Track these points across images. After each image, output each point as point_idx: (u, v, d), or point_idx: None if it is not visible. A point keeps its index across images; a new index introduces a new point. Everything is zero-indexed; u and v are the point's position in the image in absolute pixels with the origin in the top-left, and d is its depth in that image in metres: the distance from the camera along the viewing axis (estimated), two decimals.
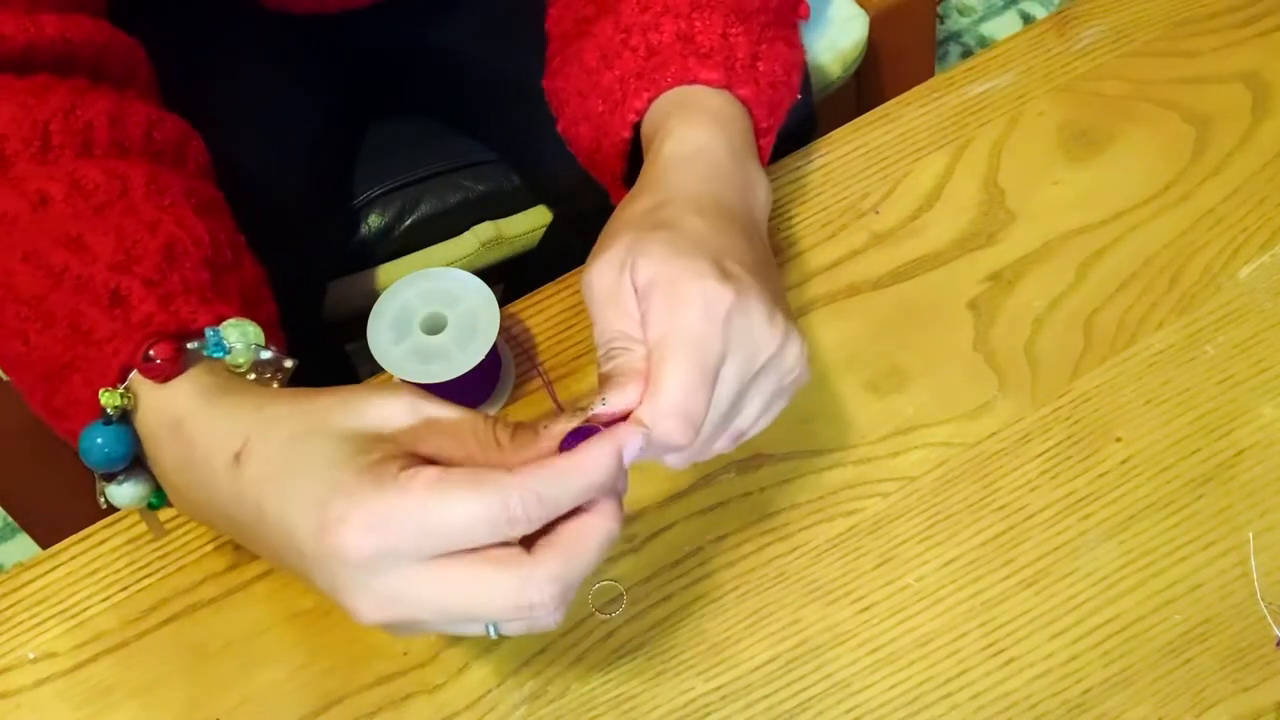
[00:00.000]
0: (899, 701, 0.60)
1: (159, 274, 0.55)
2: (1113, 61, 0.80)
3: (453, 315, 0.65)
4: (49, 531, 0.97)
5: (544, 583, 0.46)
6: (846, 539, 0.65)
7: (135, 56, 0.65)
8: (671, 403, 0.51)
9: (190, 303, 0.55)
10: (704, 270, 0.53)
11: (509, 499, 0.46)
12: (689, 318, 0.52)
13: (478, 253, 0.94)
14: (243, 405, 0.51)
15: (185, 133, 0.64)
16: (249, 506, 0.50)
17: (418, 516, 0.46)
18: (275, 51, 0.87)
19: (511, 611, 0.47)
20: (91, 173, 0.57)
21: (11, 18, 0.58)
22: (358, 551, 0.46)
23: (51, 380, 0.56)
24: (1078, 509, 0.65)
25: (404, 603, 0.47)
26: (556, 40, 0.74)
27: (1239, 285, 0.71)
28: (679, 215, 0.56)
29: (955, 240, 0.74)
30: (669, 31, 0.65)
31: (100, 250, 0.55)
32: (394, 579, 0.46)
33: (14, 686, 0.62)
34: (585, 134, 0.69)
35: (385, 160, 0.95)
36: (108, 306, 0.54)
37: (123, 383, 0.53)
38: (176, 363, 0.53)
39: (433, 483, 0.46)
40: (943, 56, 1.73)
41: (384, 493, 0.46)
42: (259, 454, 0.49)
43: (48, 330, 0.55)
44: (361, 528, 0.45)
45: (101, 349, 0.53)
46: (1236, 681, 0.60)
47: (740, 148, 0.63)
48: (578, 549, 0.48)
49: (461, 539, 0.46)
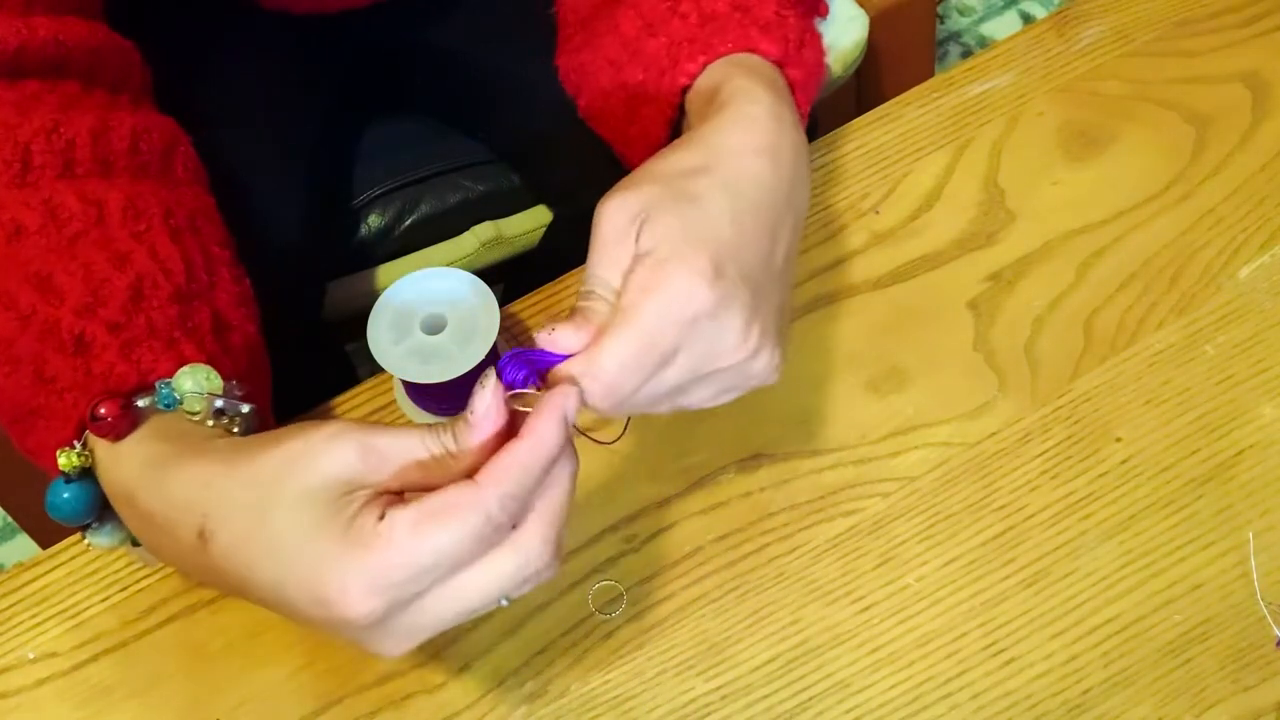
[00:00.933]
0: (899, 701, 0.60)
1: (124, 315, 0.55)
2: (1113, 61, 0.80)
3: (453, 315, 0.65)
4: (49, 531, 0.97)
5: (539, 548, 0.48)
6: (846, 539, 0.65)
7: (130, 59, 0.65)
8: (602, 370, 0.50)
9: (153, 349, 0.55)
10: (697, 266, 0.51)
11: (489, 510, 0.47)
12: (657, 301, 0.51)
13: (478, 253, 0.94)
14: (191, 480, 0.51)
15: (173, 139, 0.64)
16: (230, 579, 0.50)
17: (411, 565, 0.46)
18: (274, 51, 0.87)
19: (523, 585, 0.48)
20: (68, 199, 0.57)
21: (5, 20, 0.58)
22: (370, 616, 0.47)
23: (21, 423, 0.57)
24: (1078, 509, 0.65)
25: (425, 629, 0.48)
26: (572, 24, 0.72)
27: (1239, 285, 0.71)
28: (710, 192, 0.54)
29: (955, 240, 0.74)
30: (723, 1, 0.63)
31: (68, 290, 0.55)
32: (408, 618, 0.48)
33: (14, 686, 0.62)
34: (618, 106, 0.67)
35: (385, 160, 0.94)
36: (71, 354, 0.54)
37: (79, 438, 0.54)
38: (123, 421, 0.53)
39: (413, 525, 0.46)
40: (943, 56, 1.73)
41: (372, 553, 0.46)
42: (223, 533, 0.49)
43: (15, 374, 0.56)
44: (365, 594, 0.46)
45: (62, 399, 0.54)
46: (1236, 681, 0.60)
47: (797, 123, 0.59)
48: (554, 506, 0.49)
49: (458, 563, 0.47)
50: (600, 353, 0.51)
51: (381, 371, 0.66)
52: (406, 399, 0.69)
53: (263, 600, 0.50)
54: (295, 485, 0.48)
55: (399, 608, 0.47)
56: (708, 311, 0.51)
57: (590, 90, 0.69)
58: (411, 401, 0.69)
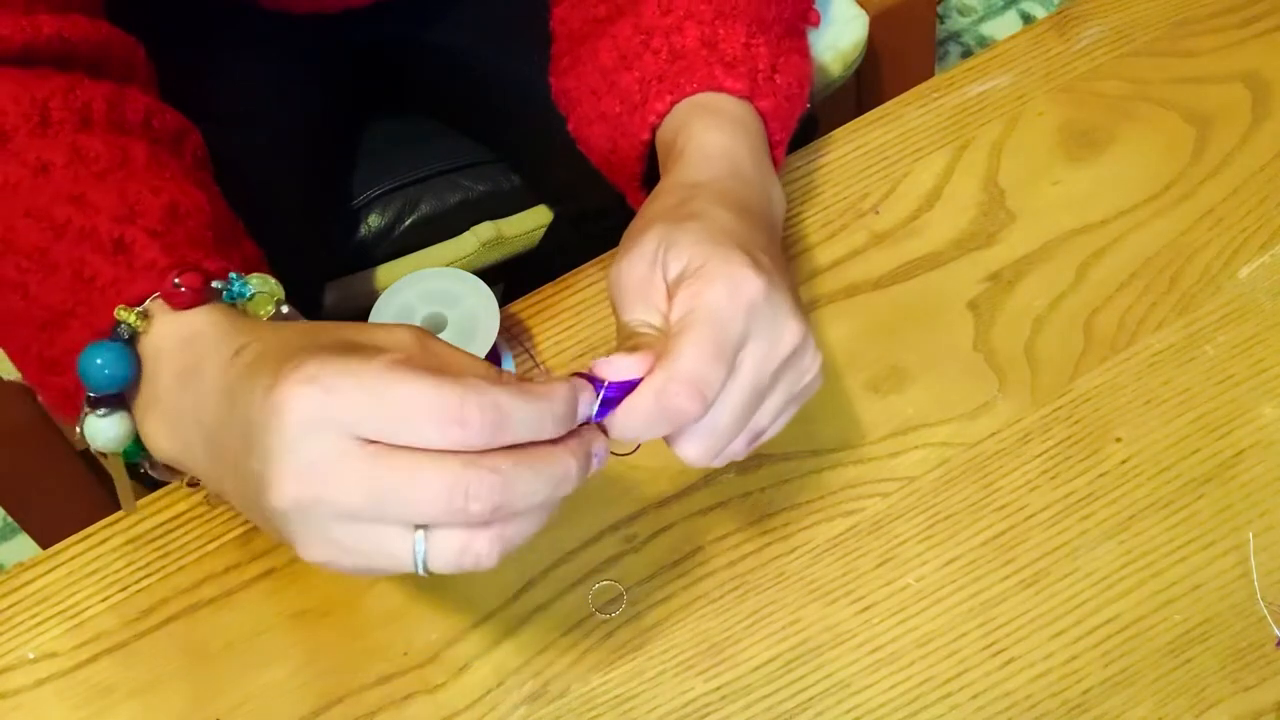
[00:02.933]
0: (899, 701, 0.60)
1: (164, 226, 0.55)
2: (1113, 61, 0.80)
3: (453, 315, 0.65)
4: (49, 531, 0.97)
5: (486, 476, 0.42)
6: (846, 539, 0.65)
7: (134, 55, 0.65)
8: (682, 368, 0.49)
9: (195, 253, 0.54)
10: (734, 257, 0.52)
11: (466, 398, 0.42)
12: (712, 296, 0.51)
13: (478, 253, 0.94)
14: (259, 323, 0.51)
15: (184, 126, 0.64)
16: (223, 404, 0.47)
17: (367, 385, 0.42)
18: (274, 51, 0.87)
19: (444, 507, 0.42)
20: (93, 143, 0.57)
21: (8, 18, 0.58)
22: (294, 402, 0.42)
23: (49, 329, 0.55)
24: (1078, 509, 0.65)
25: (327, 479, 0.43)
26: (563, 40, 0.73)
27: (1239, 285, 0.71)
28: (707, 207, 0.56)
29: (955, 240, 0.74)
30: (692, 36, 0.65)
31: (103, 204, 0.55)
32: (323, 446, 0.42)
33: (14, 686, 0.62)
34: (600, 134, 0.69)
35: (385, 160, 0.95)
36: (111, 253, 0.54)
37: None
38: (201, 294, 0.52)
39: (398, 362, 0.43)
40: (943, 56, 1.73)
41: (347, 359, 0.43)
42: (255, 349, 0.48)
43: (50, 279, 0.55)
44: (306, 378, 0.42)
45: (104, 293, 0.53)
46: (1236, 681, 0.60)
47: (760, 154, 0.63)
48: (529, 460, 0.44)
49: (405, 424, 0.42)
50: (674, 355, 0.50)
51: None
52: None
53: (229, 433, 0.47)
54: (345, 333, 0.47)
55: (322, 422, 0.42)
56: (762, 294, 0.52)
57: (576, 116, 0.71)
58: None
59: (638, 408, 0.49)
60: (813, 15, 0.72)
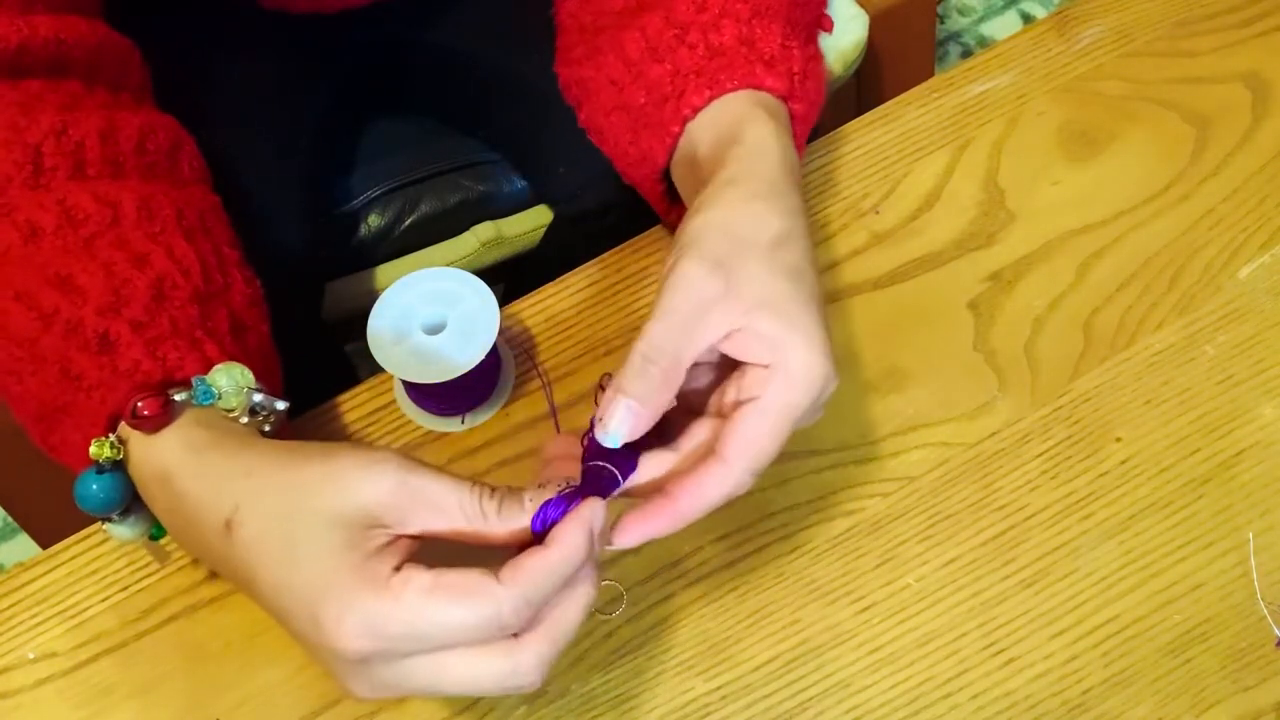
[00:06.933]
0: (899, 701, 0.60)
1: (147, 315, 0.56)
2: (1113, 61, 0.80)
3: (453, 315, 0.65)
4: (49, 531, 0.97)
5: (533, 665, 0.49)
6: (846, 539, 0.65)
7: (130, 58, 0.65)
8: (759, 463, 0.53)
9: (178, 347, 0.55)
10: (815, 345, 0.53)
11: (501, 609, 0.48)
12: (793, 398, 0.53)
13: (478, 253, 0.94)
14: (232, 468, 0.52)
15: (178, 139, 0.64)
16: (241, 572, 0.51)
17: (411, 624, 0.47)
18: (273, 51, 0.87)
19: (500, 691, 0.49)
20: (83, 200, 0.58)
21: (5, 19, 0.58)
22: (354, 653, 0.48)
23: (45, 420, 0.57)
24: (1078, 509, 0.65)
25: (398, 688, 0.49)
26: (574, 32, 0.73)
27: (1239, 285, 0.71)
28: (804, 262, 0.56)
29: (955, 240, 0.74)
30: (730, 34, 0.64)
31: (90, 290, 0.56)
32: (389, 672, 0.49)
33: (14, 686, 0.62)
34: (619, 124, 0.68)
35: (385, 160, 0.94)
36: (96, 353, 0.55)
37: (113, 430, 0.55)
38: (164, 415, 0.54)
39: (425, 592, 0.47)
40: (943, 56, 1.74)
41: (379, 599, 0.47)
42: (249, 527, 0.50)
43: (39, 373, 0.56)
44: (356, 633, 0.47)
45: (90, 396, 0.55)
46: (1236, 681, 0.60)
47: (795, 154, 0.63)
48: (561, 626, 0.50)
49: (452, 643, 0.48)
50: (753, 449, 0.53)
51: (381, 371, 0.66)
52: (406, 399, 0.69)
53: (264, 602, 0.51)
54: (328, 501, 0.49)
55: (382, 659, 0.48)
56: (830, 383, 0.54)
57: (591, 106, 0.70)
58: (411, 401, 0.69)
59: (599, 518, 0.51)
60: (826, 21, 0.72)
